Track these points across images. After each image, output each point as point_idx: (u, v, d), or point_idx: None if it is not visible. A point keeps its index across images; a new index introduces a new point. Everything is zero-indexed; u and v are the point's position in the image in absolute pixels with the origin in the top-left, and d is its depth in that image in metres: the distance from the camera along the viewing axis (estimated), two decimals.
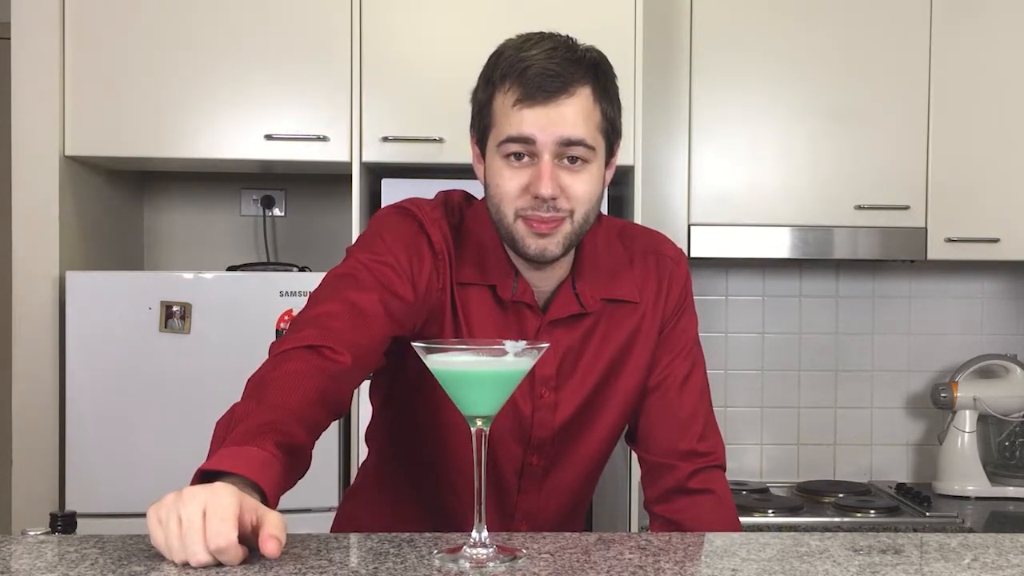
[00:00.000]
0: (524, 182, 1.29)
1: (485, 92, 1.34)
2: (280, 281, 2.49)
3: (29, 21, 2.50)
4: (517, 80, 1.28)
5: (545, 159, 1.27)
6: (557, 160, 1.28)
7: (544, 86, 1.26)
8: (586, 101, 1.29)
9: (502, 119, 1.29)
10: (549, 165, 1.27)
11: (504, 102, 1.29)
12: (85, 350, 2.44)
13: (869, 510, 2.74)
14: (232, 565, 0.96)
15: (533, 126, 1.27)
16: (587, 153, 1.29)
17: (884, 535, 1.20)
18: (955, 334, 3.24)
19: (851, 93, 2.86)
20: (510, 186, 1.30)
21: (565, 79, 1.27)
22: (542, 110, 1.26)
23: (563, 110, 1.27)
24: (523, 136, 1.27)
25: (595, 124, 1.30)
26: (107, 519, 2.31)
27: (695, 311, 1.51)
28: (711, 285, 3.21)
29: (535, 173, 1.28)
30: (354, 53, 2.55)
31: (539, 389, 1.39)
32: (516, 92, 1.27)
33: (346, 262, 1.33)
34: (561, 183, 1.28)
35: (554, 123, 1.26)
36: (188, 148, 2.55)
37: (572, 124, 1.27)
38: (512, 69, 1.29)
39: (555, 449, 1.43)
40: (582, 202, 1.31)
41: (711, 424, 1.49)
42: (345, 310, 1.24)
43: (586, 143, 1.29)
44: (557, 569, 1.01)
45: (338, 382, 1.19)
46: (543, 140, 1.27)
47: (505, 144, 1.29)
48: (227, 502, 0.94)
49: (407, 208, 1.38)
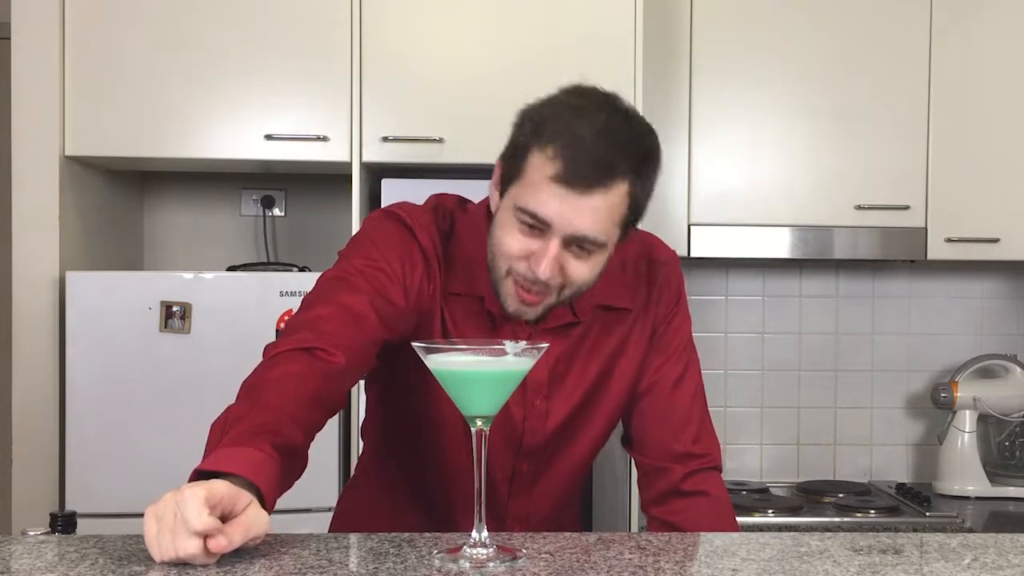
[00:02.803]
0: (527, 249, 1.26)
1: (526, 137, 1.27)
2: (280, 281, 2.49)
3: (29, 21, 2.49)
4: (561, 154, 1.22)
5: (554, 243, 1.25)
6: (565, 246, 1.26)
7: (585, 175, 1.21)
8: (619, 196, 1.24)
9: (530, 186, 1.24)
10: (555, 250, 1.25)
11: (540, 168, 1.23)
12: (85, 350, 2.44)
13: (869, 510, 2.74)
14: (196, 560, 0.96)
15: (555, 213, 1.23)
16: (597, 247, 1.27)
17: (884, 535, 1.20)
18: (955, 334, 3.24)
19: (851, 93, 2.86)
20: (513, 247, 1.27)
21: (608, 171, 1.22)
22: (573, 200, 1.22)
23: (592, 203, 1.23)
24: (542, 219, 1.24)
25: (618, 219, 1.27)
26: (107, 519, 2.31)
27: (688, 312, 1.50)
28: (711, 285, 3.21)
29: (541, 248, 1.26)
30: (354, 53, 2.55)
31: (531, 397, 1.39)
32: (555, 167, 1.22)
33: (339, 265, 1.32)
34: (562, 264, 1.27)
35: (576, 216, 1.23)
36: (188, 148, 2.55)
37: (592, 222, 1.24)
38: (561, 137, 1.23)
39: (545, 455, 1.44)
40: (577, 283, 1.30)
41: (706, 425, 1.48)
42: (338, 313, 1.24)
43: (599, 242, 1.26)
44: (557, 569, 1.01)
45: (332, 382, 1.19)
46: (558, 228, 1.24)
47: (522, 213, 1.25)
48: (190, 493, 0.94)
49: (397, 213, 1.37)
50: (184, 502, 0.94)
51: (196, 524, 0.94)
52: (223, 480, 0.99)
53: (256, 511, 0.99)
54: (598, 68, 2.55)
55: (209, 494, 0.95)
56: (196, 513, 0.94)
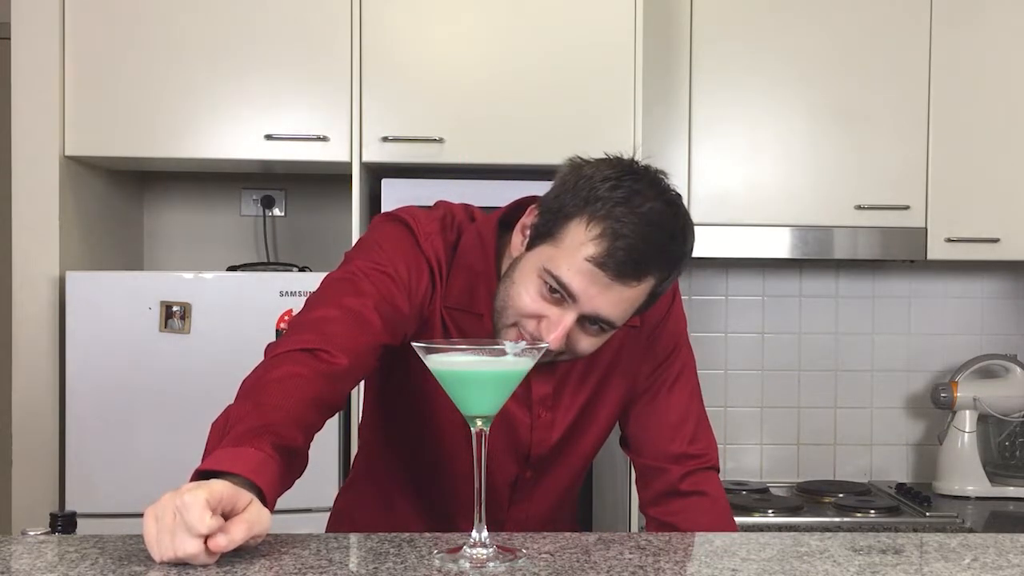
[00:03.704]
0: (542, 313, 1.26)
1: (572, 207, 1.25)
2: (280, 281, 2.49)
3: (29, 21, 2.49)
4: (604, 240, 1.21)
5: (570, 316, 1.25)
6: (579, 320, 1.26)
7: (620, 272, 1.22)
8: (645, 289, 1.26)
9: (565, 255, 1.23)
10: (570, 323, 1.25)
11: (580, 243, 1.22)
12: (85, 350, 2.44)
13: (869, 510, 2.74)
14: (196, 560, 0.96)
15: (583, 292, 1.23)
16: (609, 328, 1.28)
17: (884, 535, 1.20)
18: (955, 334, 3.24)
19: (851, 93, 2.86)
20: (529, 307, 1.26)
21: (643, 270, 1.23)
22: (603, 284, 1.22)
23: (621, 294, 1.23)
24: (569, 291, 1.23)
25: (636, 308, 1.28)
26: (107, 519, 2.31)
27: (683, 312, 1.51)
28: (711, 285, 3.21)
29: (555, 317, 1.25)
30: (354, 53, 2.55)
31: (537, 409, 1.39)
32: (595, 248, 1.21)
33: (344, 267, 1.32)
34: (570, 337, 1.27)
35: (602, 300, 1.23)
36: (188, 148, 2.55)
37: (615, 308, 1.24)
38: (607, 221, 1.22)
39: (548, 463, 1.44)
40: (577, 354, 1.30)
41: (703, 425, 1.48)
42: (342, 315, 1.24)
43: (614, 325, 1.27)
44: (557, 569, 1.01)
45: (334, 384, 1.19)
46: (581, 305, 1.24)
47: (550, 276, 1.24)
48: (191, 496, 0.94)
49: (405, 219, 1.36)
50: (185, 506, 0.94)
51: (200, 527, 0.94)
52: (223, 480, 0.99)
53: (258, 508, 0.99)
54: (598, 68, 2.57)
55: (209, 495, 0.95)
56: (198, 516, 0.94)
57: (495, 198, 1.42)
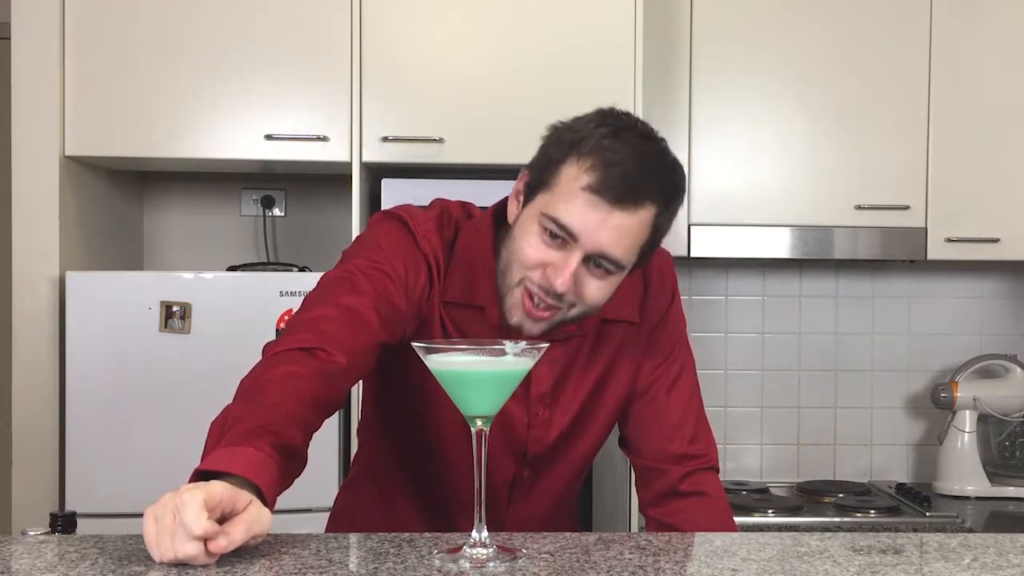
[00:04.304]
0: (547, 260, 1.27)
1: (562, 152, 1.28)
2: (280, 281, 2.49)
3: (29, 21, 2.49)
4: (599, 167, 1.24)
5: (575, 257, 1.25)
6: (585, 262, 1.27)
7: (620, 191, 1.23)
8: (645, 220, 1.26)
9: (562, 194, 1.25)
10: (575, 265, 1.25)
11: (575, 178, 1.25)
12: (85, 350, 2.44)
13: (869, 510, 2.74)
14: (196, 560, 0.96)
15: (585, 225, 1.24)
16: (615, 268, 1.28)
17: (884, 535, 1.20)
18: (955, 334, 3.24)
19: (851, 93, 2.86)
20: (533, 256, 1.27)
21: (640, 191, 1.24)
22: (603, 213, 1.23)
23: (620, 221, 1.24)
24: (569, 229, 1.24)
25: (639, 244, 1.28)
26: (107, 519, 2.31)
27: (683, 312, 1.51)
28: (711, 285, 3.21)
29: (560, 261, 1.26)
30: (354, 53, 2.55)
31: (535, 407, 1.39)
32: (589, 177, 1.24)
33: (342, 266, 1.32)
34: (578, 282, 1.27)
35: (602, 231, 1.24)
36: (188, 148, 2.55)
37: (618, 242, 1.25)
38: (599, 151, 1.25)
39: (547, 462, 1.44)
40: (588, 304, 1.30)
41: (702, 425, 1.48)
42: (340, 314, 1.23)
43: (620, 263, 1.27)
44: (557, 569, 1.01)
45: (332, 383, 1.18)
46: (584, 243, 1.25)
47: (549, 220, 1.26)
48: (188, 497, 0.94)
49: (402, 217, 1.37)
50: (183, 506, 0.94)
51: (195, 529, 0.94)
52: (222, 481, 0.98)
53: (258, 509, 0.99)
54: (598, 68, 2.56)
55: (208, 496, 0.95)
56: (195, 517, 0.94)
57: (495, 198, 1.42)
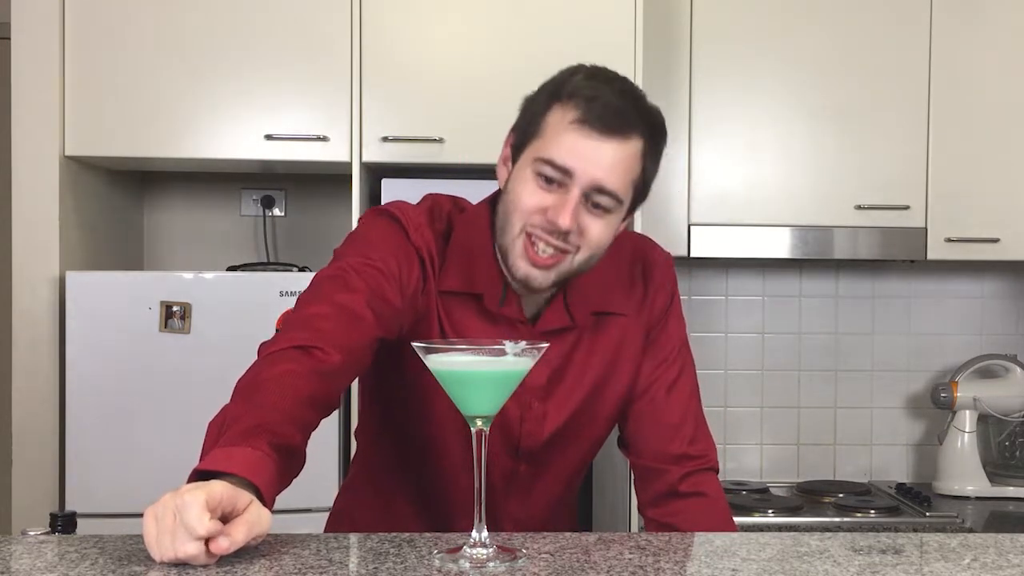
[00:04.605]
0: (545, 204, 1.29)
1: (544, 103, 1.32)
2: (280, 281, 2.49)
3: (29, 21, 2.49)
4: (584, 103, 1.28)
5: (574, 193, 1.27)
6: (583, 200, 1.29)
7: (606, 119, 1.27)
8: (635, 152, 1.30)
9: (551, 136, 1.29)
10: (576, 200, 1.28)
11: (563, 118, 1.29)
12: (85, 350, 2.44)
13: (869, 510, 2.74)
14: (196, 560, 0.96)
15: (577, 159, 1.26)
16: (613, 204, 1.30)
17: (884, 535, 1.20)
18: (955, 334, 3.24)
19: (851, 93, 2.86)
20: (530, 201, 1.29)
21: (626, 122, 1.28)
22: (594, 143, 1.27)
23: (612, 151, 1.27)
24: (563, 166, 1.27)
25: (632, 179, 1.31)
26: (107, 519, 2.31)
27: (682, 313, 1.51)
28: (711, 285, 3.21)
29: (559, 201, 1.28)
30: (354, 53, 2.55)
31: (528, 400, 1.39)
32: (577, 112, 1.28)
33: (335, 264, 1.32)
34: (580, 221, 1.29)
35: (597, 164, 1.27)
36: (188, 148, 2.55)
37: (612, 171, 1.27)
38: (581, 92, 1.29)
39: (544, 458, 1.44)
40: (591, 245, 1.31)
41: (702, 426, 1.48)
42: (335, 312, 1.23)
43: (616, 196, 1.29)
44: (557, 569, 1.01)
45: (329, 381, 1.18)
46: (579, 176, 1.27)
47: (542, 163, 1.28)
48: (190, 497, 0.94)
49: (392, 212, 1.37)
50: (184, 507, 0.94)
51: (198, 529, 0.94)
52: (221, 481, 0.98)
53: (258, 509, 0.99)
54: None
55: (208, 496, 0.95)
56: (197, 518, 0.94)
57: None
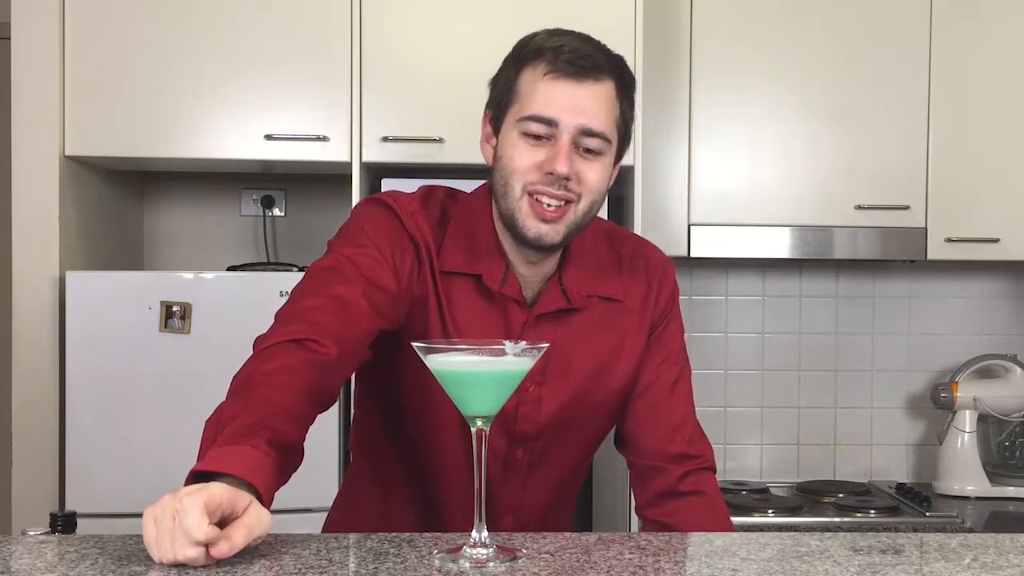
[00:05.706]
0: (539, 159, 1.30)
1: (512, 70, 1.35)
2: (280, 281, 2.49)
3: (29, 21, 2.49)
4: (550, 55, 1.31)
5: (564, 139, 1.30)
6: (574, 147, 1.30)
7: (576, 64, 1.29)
8: (610, 93, 1.32)
9: (528, 94, 1.31)
10: (567, 146, 1.30)
11: (534, 75, 1.31)
12: (85, 350, 2.44)
13: (869, 510, 2.74)
14: (196, 562, 0.96)
15: (558, 107, 1.29)
16: (602, 146, 1.32)
17: (884, 535, 1.20)
18: (955, 334, 3.24)
19: (851, 92, 2.86)
20: (524, 161, 1.31)
21: (597, 64, 1.31)
22: (570, 89, 1.29)
23: (589, 93, 1.30)
24: (546, 117, 1.29)
25: (614, 119, 1.33)
26: (107, 519, 2.31)
27: (682, 319, 1.52)
28: (711, 285, 3.21)
29: (551, 152, 1.30)
30: (354, 53, 2.55)
31: (524, 383, 1.38)
32: (548, 65, 1.30)
33: (328, 255, 1.32)
34: (577, 169, 1.31)
35: (579, 108, 1.29)
36: (188, 148, 2.55)
37: (594, 113, 1.30)
38: (545, 47, 1.32)
39: (541, 444, 1.43)
40: (591, 190, 1.33)
41: (698, 428, 1.49)
42: (330, 304, 1.23)
43: (604, 136, 1.31)
44: (557, 569, 1.01)
45: (326, 374, 1.17)
46: (565, 123, 1.29)
47: (526, 122, 1.30)
48: (189, 502, 0.94)
49: (385, 200, 1.38)
50: (184, 511, 0.94)
51: (197, 535, 0.93)
52: (220, 483, 0.98)
53: (258, 511, 0.99)
54: None
55: (208, 500, 0.94)
56: (195, 523, 0.93)
57: None
